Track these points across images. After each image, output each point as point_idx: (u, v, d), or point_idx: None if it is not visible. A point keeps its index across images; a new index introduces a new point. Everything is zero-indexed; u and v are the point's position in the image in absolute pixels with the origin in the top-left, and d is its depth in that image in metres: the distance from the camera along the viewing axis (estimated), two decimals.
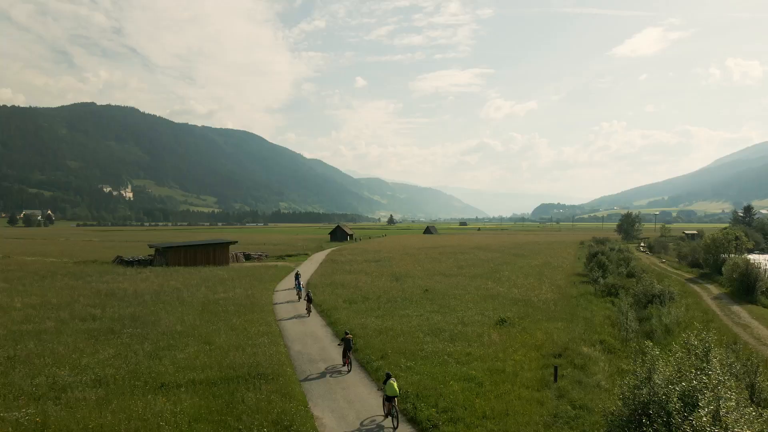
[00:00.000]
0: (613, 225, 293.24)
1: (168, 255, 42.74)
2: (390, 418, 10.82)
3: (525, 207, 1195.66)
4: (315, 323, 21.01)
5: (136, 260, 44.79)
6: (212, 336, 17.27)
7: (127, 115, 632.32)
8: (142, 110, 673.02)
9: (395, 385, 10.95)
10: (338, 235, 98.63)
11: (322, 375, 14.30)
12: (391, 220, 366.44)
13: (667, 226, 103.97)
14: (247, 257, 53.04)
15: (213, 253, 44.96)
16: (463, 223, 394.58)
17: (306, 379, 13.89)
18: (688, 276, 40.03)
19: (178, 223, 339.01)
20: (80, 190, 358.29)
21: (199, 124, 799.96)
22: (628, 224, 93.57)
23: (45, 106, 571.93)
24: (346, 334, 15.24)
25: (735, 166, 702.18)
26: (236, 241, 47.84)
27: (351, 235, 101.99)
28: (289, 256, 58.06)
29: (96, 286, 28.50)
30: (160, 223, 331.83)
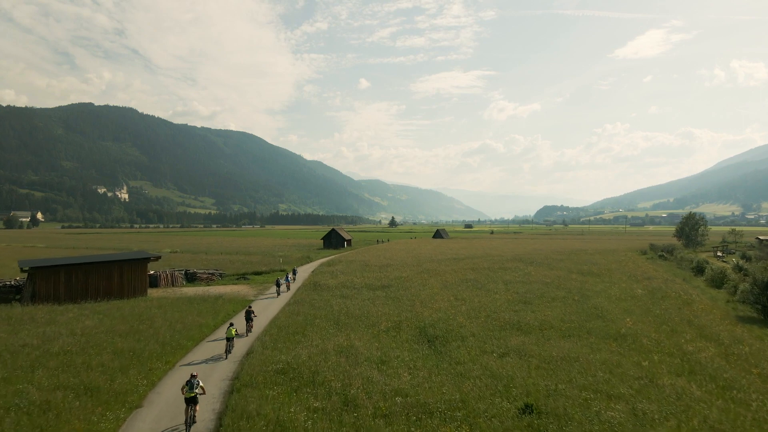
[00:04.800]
0: (633, 228, 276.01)
1: (36, 281, 25.45)
2: (227, 353, 15.88)
3: (527, 209, 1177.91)
4: None
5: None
6: None
7: (126, 116, 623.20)
8: (140, 111, 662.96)
9: (233, 330, 16.20)
10: (333, 240, 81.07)
11: None
12: (392, 222, 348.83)
13: (737, 229, 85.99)
14: (191, 278, 35.68)
15: (119, 276, 27.60)
16: (468, 225, 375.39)
17: None
18: None
19: (170, 225, 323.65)
20: (73, 191, 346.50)
21: (199, 125, 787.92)
22: (690, 227, 75.88)
23: (42, 106, 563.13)
24: (249, 307, 19.85)
25: (739, 168, 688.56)
26: (158, 256, 30.59)
27: (348, 240, 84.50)
28: (258, 273, 40.59)
29: None
30: (151, 225, 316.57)
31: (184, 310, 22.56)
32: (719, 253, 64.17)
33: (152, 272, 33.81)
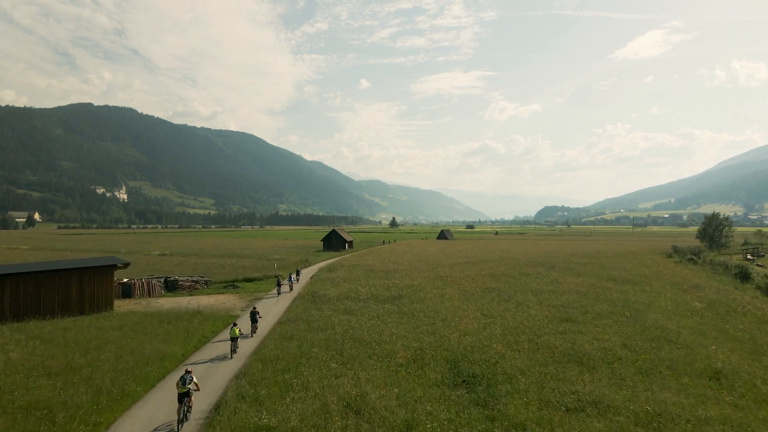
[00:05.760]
0: (639, 229, 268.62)
1: None
2: (232, 353, 16.16)
3: (527, 209, 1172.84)
4: None
5: None
6: None
7: (125, 116, 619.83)
8: (140, 111, 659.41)
9: (236, 330, 16.35)
10: (333, 242, 76.50)
11: None
12: (393, 223, 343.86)
13: (763, 230, 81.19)
14: (172, 287, 31.14)
15: (78, 287, 23.09)
16: (470, 226, 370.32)
17: None
18: None
19: (169, 226, 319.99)
20: (72, 191, 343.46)
21: (199, 126, 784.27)
22: (714, 228, 71.21)
23: (42, 106, 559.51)
24: (254, 308, 20.20)
25: (740, 168, 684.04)
26: (127, 263, 25.81)
27: (350, 242, 79.99)
28: (249, 280, 36.06)
29: None
30: (149, 226, 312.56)
31: (149, 333, 18.04)
32: (749, 256, 59.69)
33: (125, 280, 29.35)
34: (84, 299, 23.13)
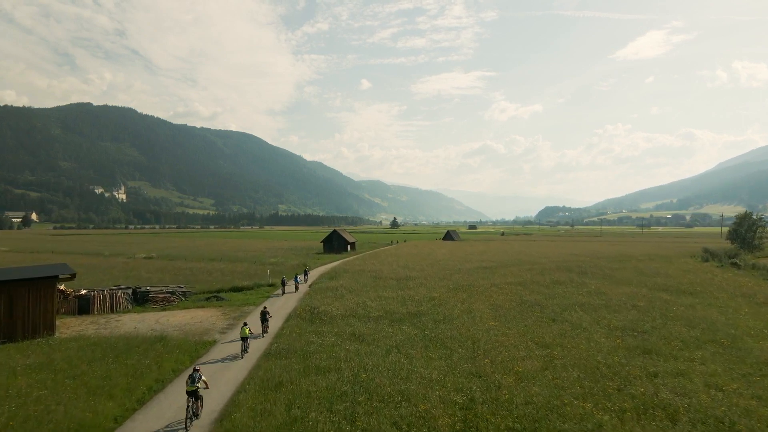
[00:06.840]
0: (648, 230, 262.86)
1: None
2: (243, 352, 16.04)
3: (527, 209, 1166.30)
4: None
5: None
6: None
7: (125, 116, 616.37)
8: (139, 111, 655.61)
9: (247, 330, 16.12)
10: (334, 243, 71.10)
11: None
12: (394, 223, 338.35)
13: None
14: (142, 299, 25.84)
15: (6, 306, 17.80)
16: (472, 226, 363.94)
17: None
18: None
19: (167, 226, 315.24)
20: (70, 191, 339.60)
21: (199, 126, 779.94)
22: (746, 229, 65.96)
23: (41, 106, 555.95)
24: (264, 307, 19.89)
25: (741, 168, 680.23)
26: (73, 273, 20.24)
27: (352, 244, 74.67)
28: (238, 290, 30.71)
29: None
30: (147, 226, 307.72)
31: (81, 375, 12.77)
32: None
33: (84, 292, 24.14)
34: (15, 321, 17.85)
